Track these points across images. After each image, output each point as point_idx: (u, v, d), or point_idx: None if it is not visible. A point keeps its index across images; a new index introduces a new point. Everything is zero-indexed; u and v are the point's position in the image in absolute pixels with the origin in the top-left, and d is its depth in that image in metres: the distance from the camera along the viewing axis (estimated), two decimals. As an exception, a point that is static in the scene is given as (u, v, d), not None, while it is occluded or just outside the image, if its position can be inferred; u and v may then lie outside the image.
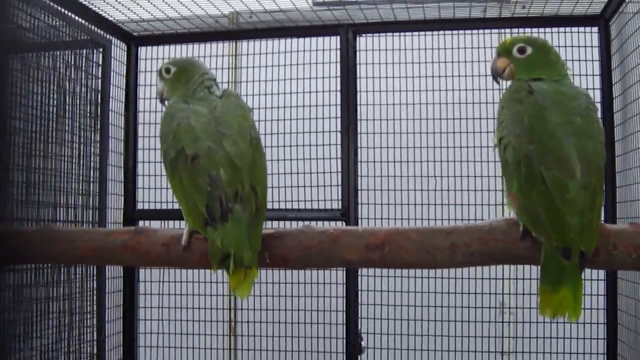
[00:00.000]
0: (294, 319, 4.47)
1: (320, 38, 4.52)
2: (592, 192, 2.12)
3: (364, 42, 4.50)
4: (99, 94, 4.33)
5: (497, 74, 2.51)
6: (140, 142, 4.64)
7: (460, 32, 4.40)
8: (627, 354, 3.94)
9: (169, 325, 4.59)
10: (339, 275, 4.40)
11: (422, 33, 4.45)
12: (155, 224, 4.23)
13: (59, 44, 3.93)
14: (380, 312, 4.39)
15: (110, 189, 4.44)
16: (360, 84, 4.44)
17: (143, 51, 4.71)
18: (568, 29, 4.25)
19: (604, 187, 2.24)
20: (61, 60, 3.98)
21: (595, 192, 2.14)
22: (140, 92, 4.64)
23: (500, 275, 4.35)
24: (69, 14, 3.99)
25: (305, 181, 4.45)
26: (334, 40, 4.45)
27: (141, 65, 4.68)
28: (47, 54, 3.84)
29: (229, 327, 4.69)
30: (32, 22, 3.67)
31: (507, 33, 4.32)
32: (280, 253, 2.40)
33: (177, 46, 4.71)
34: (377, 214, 4.40)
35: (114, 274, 4.49)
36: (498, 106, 2.39)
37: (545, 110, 2.20)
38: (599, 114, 2.59)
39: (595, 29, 4.21)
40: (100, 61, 4.36)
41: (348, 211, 4.27)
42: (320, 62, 4.50)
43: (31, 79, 3.70)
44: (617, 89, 4.09)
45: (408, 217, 4.35)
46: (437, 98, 4.42)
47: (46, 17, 3.80)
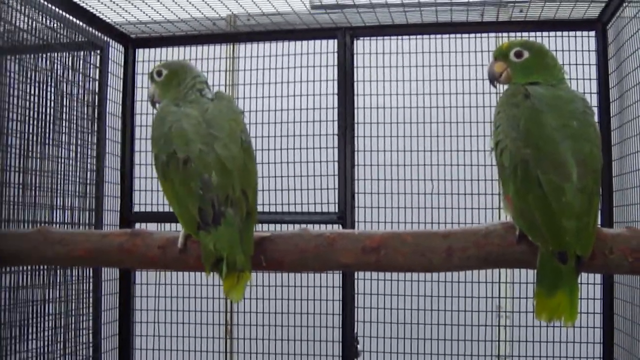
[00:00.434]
0: (290, 322, 4.47)
1: (317, 41, 4.52)
2: (588, 196, 2.12)
3: (361, 45, 4.50)
4: (96, 96, 4.33)
5: (494, 78, 2.50)
6: (137, 145, 4.64)
7: (458, 35, 4.41)
8: (624, 358, 3.94)
9: (165, 327, 4.58)
10: (335, 278, 4.40)
11: (419, 36, 4.45)
12: (152, 227, 4.23)
13: (56, 46, 3.93)
14: (376, 316, 4.39)
15: (107, 191, 4.44)
16: (358, 87, 4.45)
17: (140, 53, 4.71)
18: (565, 33, 4.26)
19: (601, 191, 2.24)
20: (58, 62, 3.97)
21: (591, 196, 2.13)
22: (138, 94, 4.65)
23: (496, 279, 4.34)
24: (67, 15, 3.99)
25: (302, 184, 4.44)
26: (332, 44, 4.46)
27: (138, 67, 4.68)
28: (44, 55, 3.84)
29: (225, 330, 4.69)
30: (29, 23, 3.67)
31: (504, 37, 4.32)
32: (277, 256, 2.40)
33: (175, 48, 4.70)
34: (374, 218, 4.40)
35: (110, 276, 4.48)
36: (494, 110, 2.39)
37: (541, 114, 2.20)
38: (596, 118, 2.59)
39: (593, 33, 4.22)
40: (98, 63, 4.36)
41: (344, 214, 4.27)
42: (318, 65, 4.50)
43: (28, 80, 3.70)
44: (614, 93, 4.09)
45: (404, 221, 4.35)
46: (434, 101, 4.42)
47: (43, 19, 3.79)
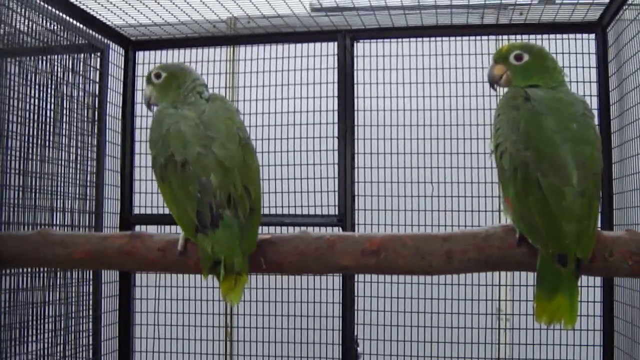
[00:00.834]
0: (290, 325, 4.47)
1: (317, 44, 4.53)
2: (588, 199, 2.12)
3: (361, 48, 4.51)
4: (96, 98, 4.33)
5: (494, 81, 2.51)
6: (137, 147, 4.65)
7: (458, 38, 4.41)
8: (624, 361, 3.94)
9: (165, 330, 4.58)
10: (335, 281, 4.40)
11: (419, 39, 4.45)
12: (152, 229, 4.24)
13: (56, 48, 3.93)
14: (376, 318, 4.39)
15: (107, 193, 4.44)
16: (358, 90, 4.45)
17: (140, 56, 4.71)
18: (565, 36, 4.26)
19: (601, 194, 2.24)
20: (59, 64, 3.98)
21: (592, 199, 2.13)
22: (138, 96, 4.64)
23: (496, 281, 4.34)
24: (67, 18, 3.99)
25: (302, 187, 4.44)
26: (332, 46, 4.46)
27: (138, 69, 4.68)
28: (44, 57, 3.84)
29: (225, 333, 4.68)
30: (29, 25, 3.67)
31: (504, 39, 4.32)
32: (277, 258, 2.40)
33: (175, 51, 4.70)
34: (374, 220, 4.39)
35: (110, 278, 4.48)
36: (494, 112, 2.39)
37: (541, 116, 2.20)
38: (596, 121, 2.59)
39: (593, 36, 4.22)
40: (98, 65, 4.36)
41: (345, 217, 4.27)
42: (318, 67, 4.50)
43: (28, 82, 3.70)
44: (614, 96, 4.09)
45: (405, 223, 4.34)
46: (434, 104, 4.42)
47: (43, 21, 3.80)
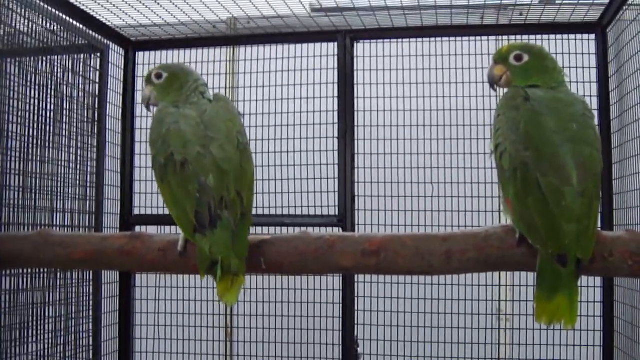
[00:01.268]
0: (291, 325, 4.47)
1: (317, 44, 4.53)
2: (588, 199, 2.12)
3: (361, 48, 4.51)
4: (96, 99, 4.34)
5: (494, 82, 2.50)
6: (137, 147, 4.65)
7: (458, 38, 4.41)
8: (624, 361, 3.94)
9: (165, 330, 4.58)
10: (335, 281, 4.40)
11: (419, 39, 4.45)
12: (152, 229, 4.24)
13: (56, 49, 3.93)
14: (376, 319, 4.39)
15: (107, 194, 4.44)
16: (358, 90, 4.45)
17: (140, 56, 4.71)
18: (565, 36, 4.26)
19: (601, 194, 2.24)
20: (59, 65, 3.98)
21: (591, 199, 2.13)
22: (138, 97, 4.64)
23: (496, 281, 4.34)
24: (67, 18, 3.99)
25: (302, 187, 4.44)
26: (332, 47, 4.46)
27: (138, 70, 4.68)
28: (44, 58, 3.84)
29: (225, 333, 4.68)
30: (29, 26, 3.67)
31: (504, 40, 4.32)
32: (277, 259, 2.40)
33: (175, 51, 4.70)
34: (374, 220, 4.39)
35: (110, 279, 4.48)
36: (494, 113, 2.39)
37: (541, 117, 2.20)
38: (596, 121, 2.59)
39: (593, 36, 4.22)
40: (98, 66, 4.37)
41: (345, 217, 4.27)
42: (318, 68, 4.50)
43: (28, 83, 3.70)
44: (614, 96, 4.09)
45: (405, 224, 4.34)
46: (434, 104, 4.42)
47: (44, 22, 3.80)
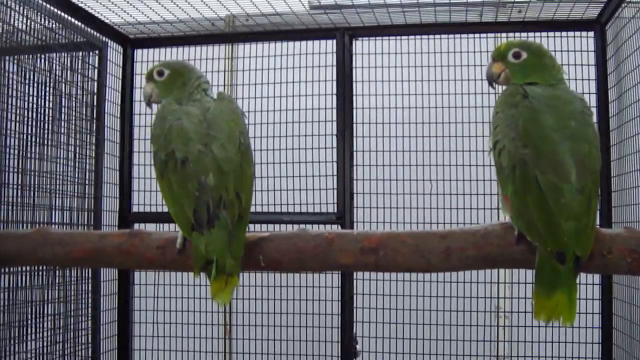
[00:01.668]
0: (289, 323, 4.47)
1: (316, 41, 4.52)
2: (587, 196, 2.12)
3: (360, 45, 4.51)
4: (95, 97, 4.33)
5: (492, 79, 2.50)
6: (135, 145, 4.64)
7: (457, 36, 4.41)
8: (622, 359, 3.94)
9: (164, 328, 4.58)
10: (334, 278, 4.40)
11: (418, 37, 4.45)
12: (151, 227, 4.24)
13: (54, 46, 3.93)
14: (375, 316, 4.39)
15: (106, 191, 4.44)
16: (357, 88, 4.45)
17: (139, 54, 4.71)
18: (564, 34, 4.26)
19: (600, 192, 2.24)
20: (57, 63, 3.97)
21: (590, 196, 2.13)
22: (136, 94, 4.64)
23: (495, 279, 4.35)
24: (65, 16, 3.99)
25: (301, 184, 4.44)
26: (330, 44, 4.46)
27: (137, 67, 4.68)
28: (43, 56, 3.84)
29: (224, 330, 4.69)
30: (27, 24, 3.66)
31: (503, 37, 4.32)
32: (275, 256, 2.39)
33: (173, 49, 4.70)
34: (373, 218, 4.40)
35: (109, 276, 4.48)
36: (493, 110, 2.38)
37: (540, 114, 2.20)
38: (595, 119, 2.59)
39: (592, 34, 4.22)
40: (96, 63, 4.36)
41: (343, 215, 4.27)
42: (317, 65, 4.50)
43: (27, 81, 3.70)
44: (612, 94, 4.09)
45: (403, 221, 4.35)
46: (432, 102, 4.42)
47: (42, 19, 3.79)
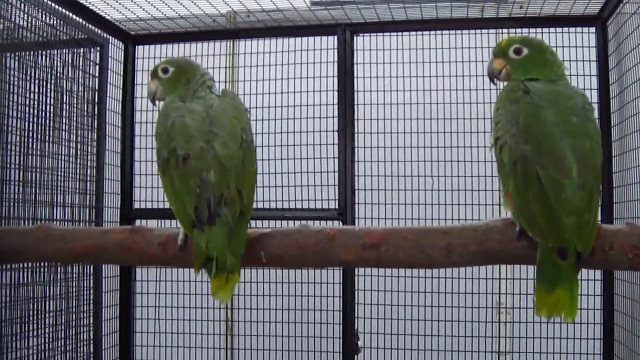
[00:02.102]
0: (291, 319, 4.47)
1: (317, 37, 4.52)
2: (589, 192, 2.11)
3: (361, 41, 4.50)
4: (96, 93, 4.33)
5: (493, 75, 2.50)
6: (137, 141, 4.64)
7: (458, 32, 4.40)
8: (624, 354, 3.94)
9: (166, 324, 4.58)
10: (335, 274, 4.41)
11: (419, 33, 4.45)
12: (152, 223, 4.24)
13: (56, 43, 3.93)
14: (377, 312, 4.40)
15: (107, 187, 4.45)
16: (358, 84, 4.44)
17: (140, 50, 4.71)
18: (565, 29, 4.25)
19: (601, 187, 2.23)
20: (58, 59, 3.97)
21: (592, 192, 2.13)
22: (138, 91, 4.64)
23: (496, 275, 4.35)
24: (66, 12, 3.99)
25: (302, 180, 4.45)
26: (331, 40, 4.45)
27: (138, 64, 4.68)
28: (44, 52, 3.84)
29: (226, 326, 4.69)
30: (29, 20, 3.66)
31: (504, 33, 4.32)
32: (277, 252, 2.39)
33: (175, 45, 4.71)
34: (374, 214, 4.40)
35: (111, 273, 4.49)
36: (494, 106, 2.38)
37: (541, 110, 2.20)
38: (596, 114, 2.58)
39: (593, 29, 4.21)
40: (98, 60, 4.36)
41: (345, 211, 4.27)
42: (318, 61, 4.50)
43: (28, 77, 3.70)
44: (614, 90, 4.09)
45: (405, 217, 4.35)
46: (434, 98, 4.42)
47: (43, 16, 3.79)
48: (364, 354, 4.38)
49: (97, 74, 4.35)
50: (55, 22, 3.91)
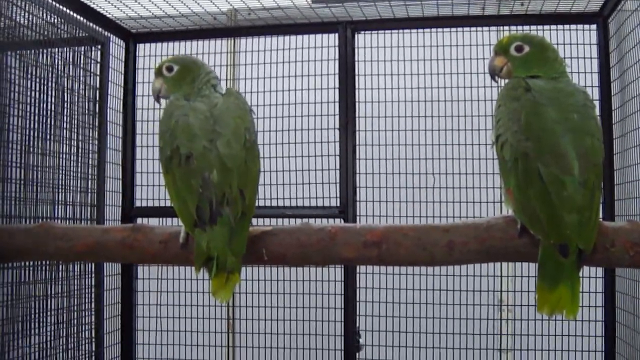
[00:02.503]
0: (292, 317, 4.47)
1: (318, 35, 4.52)
2: (590, 189, 2.12)
3: (362, 39, 4.50)
4: (97, 91, 4.33)
5: (494, 73, 2.50)
6: (138, 140, 4.64)
7: (459, 29, 4.40)
8: (626, 352, 3.94)
9: (167, 322, 4.59)
10: (337, 272, 4.41)
11: (420, 30, 4.44)
12: (154, 221, 4.25)
13: (57, 41, 3.92)
14: (378, 310, 4.40)
15: (109, 186, 4.44)
16: (359, 81, 4.44)
17: (141, 48, 4.71)
18: (566, 27, 4.24)
19: (602, 185, 2.23)
20: (59, 58, 3.97)
21: (593, 189, 2.13)
22: (139, 89, 4.64)
23: (498, 272, 4.35)
24: (67, 10, 3.99)
25: (304, 178, 4.45)
26: (333, 38, 4.45)
27: (139, 62, 4.68)
28: (45, 51, 3.83)
29: (227, 324, 4.69)
30: (29, 19, 3.66)
31: (505, 30, 4.31)
32: (279, 250, 2.40)
33: (175, 43, 4.70)
34: (375, 211, 4.40)
35: (112, 271, 4.49)
36: (495, 103, 2.38)
37: (542, 107, 2.20)
38: (597, 112, 2.58)
39: (594, 27, 4.21)
40: (99, 58, 4.36)
41: (346, 208, 4.28)
42: (319, 59, 4.50)
43: (29, 76, 3.69)
44: (615, 87, 4.09)
45: (406, 215, 4.34)
46: (435, 95, 4.41)
47: (44, 14, 3.79)
48: (365, 352, 4.38)
49: (98, 72, 4.34)
50: (56, 20, 3.91)
